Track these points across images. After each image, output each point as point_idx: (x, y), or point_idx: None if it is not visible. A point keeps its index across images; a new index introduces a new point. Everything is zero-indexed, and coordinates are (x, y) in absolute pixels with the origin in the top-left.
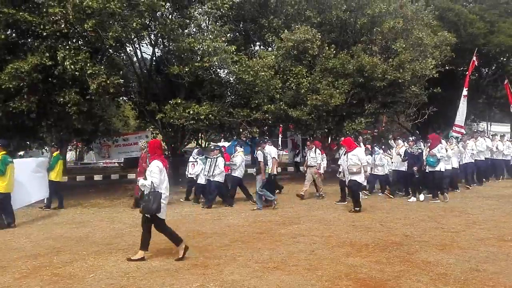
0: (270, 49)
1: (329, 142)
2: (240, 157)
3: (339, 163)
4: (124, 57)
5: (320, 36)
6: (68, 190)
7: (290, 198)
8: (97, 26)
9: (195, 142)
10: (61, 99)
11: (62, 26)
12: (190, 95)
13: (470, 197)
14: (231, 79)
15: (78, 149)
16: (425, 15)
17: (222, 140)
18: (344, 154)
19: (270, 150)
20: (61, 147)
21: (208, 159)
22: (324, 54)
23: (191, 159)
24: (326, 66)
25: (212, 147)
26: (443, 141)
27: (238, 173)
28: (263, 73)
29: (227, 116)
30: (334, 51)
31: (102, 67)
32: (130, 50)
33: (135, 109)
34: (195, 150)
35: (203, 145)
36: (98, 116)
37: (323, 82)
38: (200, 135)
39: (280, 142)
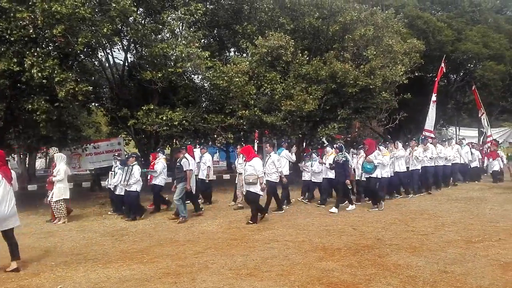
0: (244, 55)
1: (304, 146)
2: (161, 164)
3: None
4: (96, 62)
5: (293, 43)
6: (36, 198)
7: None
8: (66, 31)
9: (169, 148)
10: (29, 106)
11: (31, 31)
12: (164, 101)
13: (440, 200)
14: (206, 85)
15: (48, 157)
16: (395, 23)
17: (198, 146)
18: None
19: (206, 158)
20: (30, 154)
21: (125, 168)
22: (297, 61)
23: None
24: (299, 72)
25: (128, 155)
26: (381, 147)
27: (159, 181)
28: (237, 79)
29: (202, 122)
30: (307, 58)
31: (71, 73)
32: (101, 55)
33: (107, 116)
34: (117, 158)
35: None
36: (68, 123)
37: (296, 88)
38: (174, 141)
39: (256, 148)
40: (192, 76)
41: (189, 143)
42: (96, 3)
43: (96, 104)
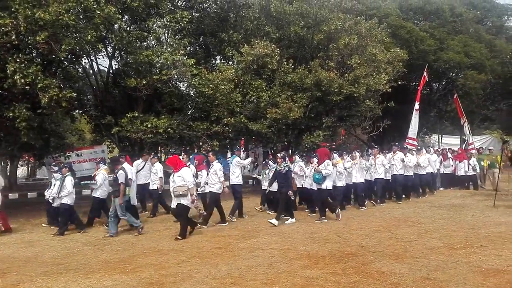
0: (230, 63)
1: (289, 154)
2: (102, 175)
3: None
4: (80, 69)
5: (279, 51)
6: (18, 207)
7: (249, 211)
8: (50, 38)
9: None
10: (11, 114)
11: (13, 37)
12: (149, 108)
13: (423, 207)
14: (191, 92)
15: (30, 164)
16: (378, 32)
17: (183, 154)
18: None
19: (157, 168)
20: (11, 162)
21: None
22: (283, 69)
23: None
24: (285, 80)
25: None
26: (335, 155)
27: (100, 193)
28: (223, 87)
29: (187, 130)
30: (293, 66)
31: (54, 80)
32: (85, 62)
33: (91, 123)
34: (53, 169)
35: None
36: (50, 130)
37: (282, 96)
38: (159, 148)
39: (243, 155)
40: (178, 83)
41: (173, 150)
42: (80, 10)
43: (80, 111)
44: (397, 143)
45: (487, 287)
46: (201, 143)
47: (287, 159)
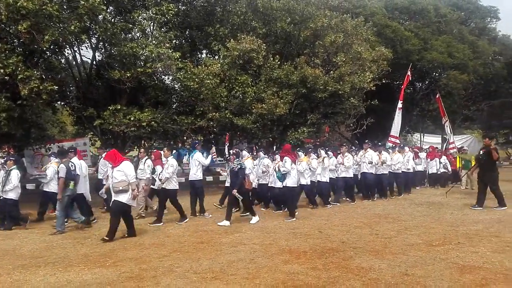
0: (216, 57)
1: (274, 150)
2: (52, 168)
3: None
4: (63, 60)
5: (265, 47)
6: None
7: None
8: (32, 28)
9: (137, 149)
10: None
11: None
12: (132, 101)
13: (403, 205)
14: (176, 86)
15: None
16: (364, 31)
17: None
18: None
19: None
20: None
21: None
22: (269, 65)
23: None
24: (271, 76)
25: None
26: (299, 153)
27: (51, 187)
28: (208, 81)
29: (171, 124)
30: (279, 62)
31: (35, 71)
32: (68, 53)
33: (73, 115)
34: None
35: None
36: (31, 121)
37: (268, 91)
38: (142, 142)
39: (226, 151)
40: (162, 76)
41: (157, 144)
42: (64, 0)
43: (62, 103)
44: (367, 141)
45: (463, 283)
46: (185, 138)
47: (240, 156)
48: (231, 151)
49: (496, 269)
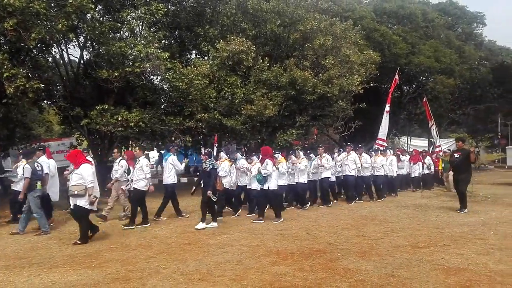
0: (206, 58)
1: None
2: (22, 167)
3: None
4: (50, 59)
5: (254, 48)
6: None
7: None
8: (18, 25)
9: (124, 149)
10: None
11: None
12: (120, 101)
13: (390, 207)
14: (165, 86)
15: None
16: (352, 34)
17: (155, 149)
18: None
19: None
20: None
21: None
22: (258, 66)
23: None
24: (260, 78)
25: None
26: (276, 155)
27: (20, 186)
28: (197, 82)
29: (159, 124)
30: (268, 64)
31: (22, 69)
32: (56, 51)
33: (59, 114)
34: None
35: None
36: (16, 120)
37: (257, 93)
38: (130, 142)
39: (215, 152)
40: (151, 76)
41: (144, 145)
42: None
43: (48, 102)
44: (349, 143)
45: (449, 285)
46: (173, 138)
47: (212, 156)
48: (203, 151)
49: (480, 271)
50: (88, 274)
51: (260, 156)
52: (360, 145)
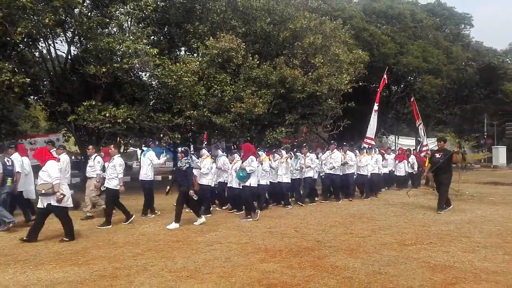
0: (195, 55)
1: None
2: None
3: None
4: (37, 53)
5: (244, 46)
6: None
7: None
8: (4, 19)
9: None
10: None
11: None
12: (108, 97)
13: (378, 205)
14: (153, 82)
15: None
16: (342, 33)
17: (143, 146)
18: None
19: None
20: None
21: None
22: (248, 64)
23: None
24: (250, 76)
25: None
26: (260, 152)
27: None
28: (186, 79)
29: (148, 121)
30: (258, 62)
31: (7, 64)
32: (43, 46)
33: (46, 110)
34: None
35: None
36: (1, 116)
37: (247, 91)
38: (118, 139)
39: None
40: (139, 73)
41: (133, 142)
42: None
43: (35, 97)
44: (333, 141)
45: (435, 282)
46: (162, 135)
47: (189, 154)
48: (179, 149)
49: (466, 268)
50: (74, 271)
51: (242, 153)
52: (345, 143)
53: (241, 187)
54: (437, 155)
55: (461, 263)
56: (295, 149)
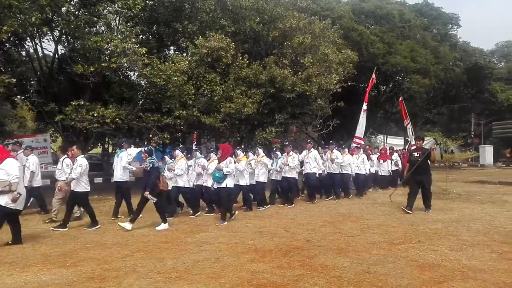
0: (184, 54)
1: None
2: None
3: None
4: (23, 53)
5: (234, 46)
6: None
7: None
8: None
9: (101, 146)
10: None
11: None
12: (96, 97)
13: (367, 204)
14: (142, 82)
15: None
16: (331, 33)
17: (132, 146)
18: None
19: (30, 162)
20: None
21: None
22: (237, 63)
23: None
24: (239, 75)
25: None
26: (238, 152)
27: None
28: (175, 78)
29: (136, 121)
30: (248, 61)
31: None
32: (29, 45)
33: (33, 110)
34: None
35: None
36: None
37: (236, 90)
38: (106, 139)
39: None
40: (128, 72)
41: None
42: None
43: (22, 97)
44: (309, 140)
45: (423, 280)
46: (151, 135)
47: (153, 153)
48: (144, 149)
49: (453, 267)
50: (62, 273)
51: (220, 154)
52: (331, 142)
53: (216, 188)
54: (416, 154)
55: (449, 261)
56: (274, 149)
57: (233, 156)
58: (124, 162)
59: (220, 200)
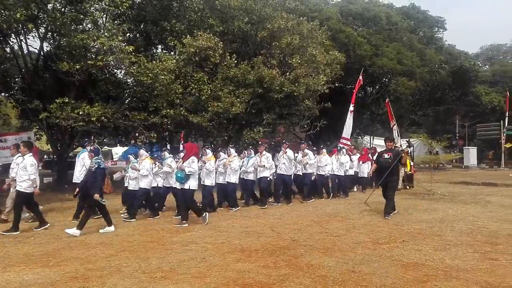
0: (172, 53)
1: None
2: None
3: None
4: (7, 49)
5: (222, 45)
6: None
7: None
8: None
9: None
10: None
11: None
12: (82, 95)
13: (353, 204)
14: (129, 80)
15: None
16: (319, 35)
17: (118, 145)
18: None
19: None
20: None
21: None
22: (225, 63)
23: None
24: (227, 75)
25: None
26: (207, 151)
27: None
28: (163, 77)
29: (123, 119)
30: (236, 61)
31: None
32: (14, 42)
33: (17, 107)
34: None
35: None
36: None
37: (224, 90)
38: (92, 138)
39: (181, 148)
40: (114, 70)
41: (107, 141)
42: None
43: (5, 94)
44: (284, 140)
45: (407, 280)
46: (137, 134)
47: (100, 153)
48: (89, 148)
49: (437, 266)
50: (45, 273)
51: (184, 153)
52: (302, 141)
53: (179, 189)
54: (386, 156)
55: (433, 261)
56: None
57: (201, 155)
58: (86, 162)
59: (185, 202)
